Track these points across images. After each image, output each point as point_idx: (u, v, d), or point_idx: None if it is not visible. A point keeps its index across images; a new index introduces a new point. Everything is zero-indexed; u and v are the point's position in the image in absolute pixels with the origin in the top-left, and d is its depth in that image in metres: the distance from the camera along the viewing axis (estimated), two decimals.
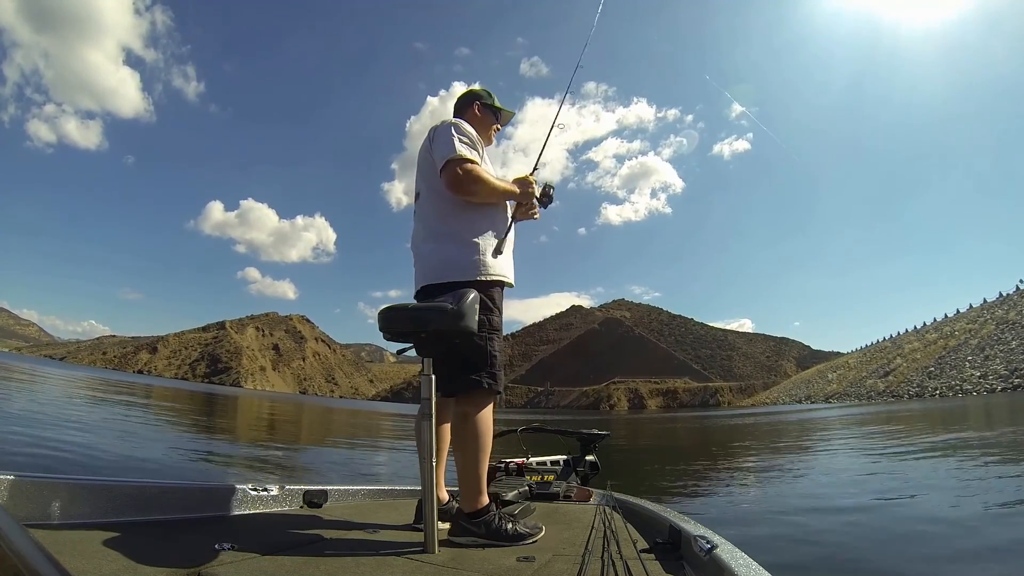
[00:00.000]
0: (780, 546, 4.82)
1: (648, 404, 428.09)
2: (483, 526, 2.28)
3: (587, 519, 2.80)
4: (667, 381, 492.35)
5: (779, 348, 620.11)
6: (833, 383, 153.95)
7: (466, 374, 2.41)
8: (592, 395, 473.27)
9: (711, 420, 41.30)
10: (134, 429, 13.27)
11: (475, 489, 2.35)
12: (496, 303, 2.56)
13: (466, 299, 2.21)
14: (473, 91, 2.97)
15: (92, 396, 23.46)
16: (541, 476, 4.00)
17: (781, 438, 20.06)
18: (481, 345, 2.44)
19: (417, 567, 1.86)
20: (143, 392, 37.40)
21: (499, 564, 1.96)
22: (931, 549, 4.55)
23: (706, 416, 58.16)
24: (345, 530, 2.40)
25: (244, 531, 2.21)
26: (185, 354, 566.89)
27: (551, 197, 2.93)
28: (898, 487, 7.48)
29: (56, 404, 16.60)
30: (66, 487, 2.02)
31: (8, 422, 10.48)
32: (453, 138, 2.55)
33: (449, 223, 2.60)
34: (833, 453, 13.68)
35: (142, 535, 1.94)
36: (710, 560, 1.69)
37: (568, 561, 1.97)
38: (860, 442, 15.95)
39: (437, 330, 2.19)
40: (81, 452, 8.30)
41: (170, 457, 9.50)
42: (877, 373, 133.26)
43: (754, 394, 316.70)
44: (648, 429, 28.10)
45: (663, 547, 2.16)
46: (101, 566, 1.54)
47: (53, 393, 21.29)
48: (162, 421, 17.45)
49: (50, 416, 12.54)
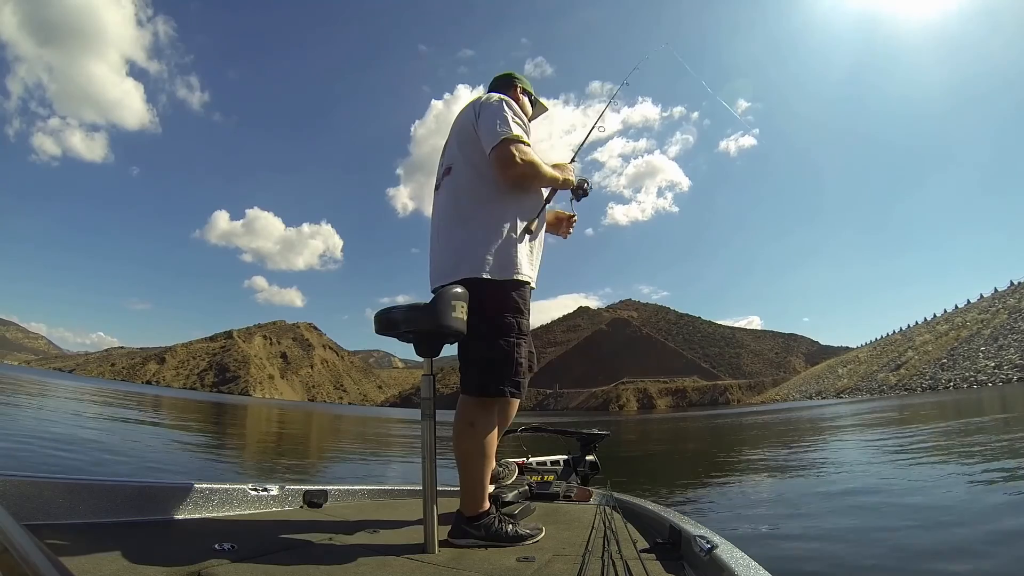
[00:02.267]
0: (798, 547, 4.72)
1: (657, 404, 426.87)
2: (483, 529, 2.25)
3: (587, 519, 2.77)
4: (676, 380, 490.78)
5: (788, 344, 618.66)
6: (844, 378, 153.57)
7: (489, 380, 2.31)
8: (601, 396, 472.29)
9: (721, 419, 40.90)
10: (149, 440, 13.30)
11: (476, 494, 2.30)
12: (527, 304, 2.43)
13: (444, 296, 2.15)
14: (513, 74, 2.84)
15: (102, 407, 23.49)
16: (541, 476, 3.96)
17: (799, 435, 19.53)
18: (508, 351, 2.31)
19: (417, 567, 1.86)
20: (152, 403, 37.57)
21: (499, 564, 1.95)
22: (950, 545, 4.44)
23: (716, 415, 57.74)
24: (345, 530, 2.38)
25: (244, 531, 2.20)
26: (193, 364, 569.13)
27: (586, 191, 2.89)
28: (915, 484, 7.33)
29: (66, 415, 16.64)
30: (66, 487, 2.03)
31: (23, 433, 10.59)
32: (508, 115, 2.41)
33: (484, 205, 2.42)
34: (847, 449, 13.53)
35: (142, 535, 1.95)
36: (710, 560, 1.69)
37: (568, 561, 1.96)
38: (875, 437, 15.71)
39: (421, 330, 2.18)
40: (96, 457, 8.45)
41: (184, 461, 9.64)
42: (888, 367, 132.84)
43: (764, 391, 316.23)
44: (657, 430, 27.64)
45: (663, 547, 2.14)
46: (101, 566, 1.54)
47: (68, 406, 21.32)
48: (180, 430, 17.50)
49: (64, 430, 12.57)
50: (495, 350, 2.30)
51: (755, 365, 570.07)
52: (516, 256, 2.38)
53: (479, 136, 2.43)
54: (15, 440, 9.32)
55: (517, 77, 2.83)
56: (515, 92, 2.75)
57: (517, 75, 2.84)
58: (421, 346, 2.21)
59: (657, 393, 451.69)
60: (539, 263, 2.60)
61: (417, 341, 2.22)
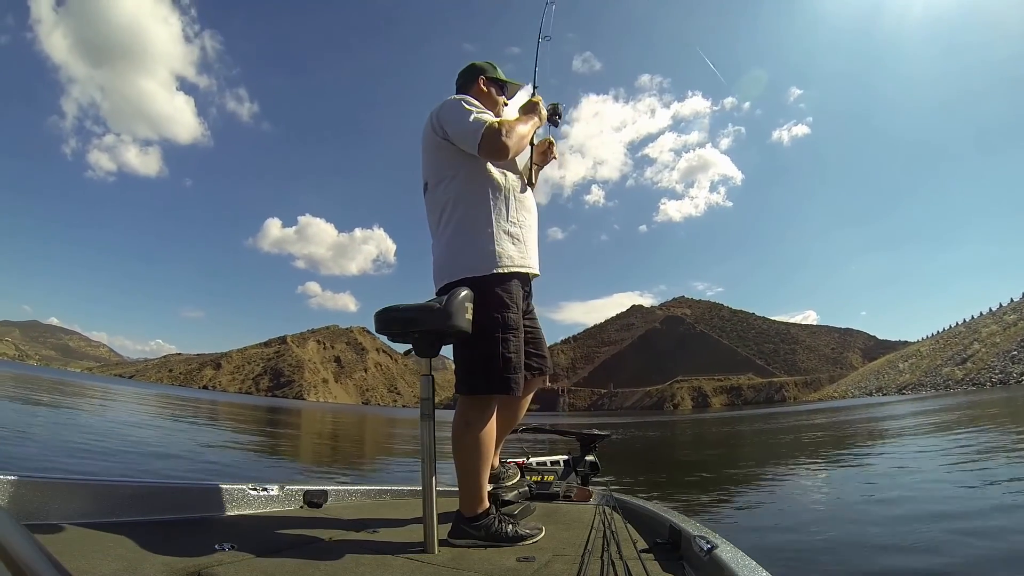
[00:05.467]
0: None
1: (712, 402, 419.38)
2: (482, 529, 2.25)
3: (587, 519, 2.76)
4: (731, 378, 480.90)
5: (844, 339, 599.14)
6: (905, 373, 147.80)
7: (479, 379, 2.32)
8: (655, 395, 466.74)
9: (780, 418, 39.08)
10: (217, 441, 13.74)
11: (475, 494, 2.30)
12: (513, 298, 2.38)
13: (456, 297, 2.15)
14: (476, 65, 2.80)
15: (166, 410, 24.45)
16: (541, 476, 3.94)
17: (871, 436, 17.14)
18: (492, 349, 2.29)
19: (417, 567, 1.85)
20: (209, 407, 38.80)
21: (499, 564, 1.93)
22: None
23: (773, 413, 55.62)
24: (345, 530, 2.38)
25: (244, 531, 2.20)
26: (248, 369, 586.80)
27: (560, 113, 2.82)
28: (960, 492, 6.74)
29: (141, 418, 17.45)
30: (66, 487, 2.03)
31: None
32: (471, 110, 2.41)
33: (460, 211, 2.44)
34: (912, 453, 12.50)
35: (142, 535, 1.93)
36: (710, 560, 1.68)
37: (568, 561, 1.95)
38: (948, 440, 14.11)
39: (427, 330, 2.16)
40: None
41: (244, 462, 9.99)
42: (953, 360, 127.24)
43: (820, 388, 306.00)
44: (713, 433, 26.13)
45: (663, 547, 2.13)
46: (101, 566, 1.54)
47: (138, 409, 22.21)
48: (245, 433, 18.10)
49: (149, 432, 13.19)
50: (480, 348, 2.29)
51: (811, 361, 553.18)
52: (495, 249, 2.38)
53: (455, 142, 2.43)
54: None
55: (480, 67, 2.79)
56: (478, 86, 2.74)
57: (479, 64, 2.80)
58: (423, 346, 2.20)
59: (712, 391, 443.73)
60: (534, 246, 2.59)
61: (420, 341, 2.20)
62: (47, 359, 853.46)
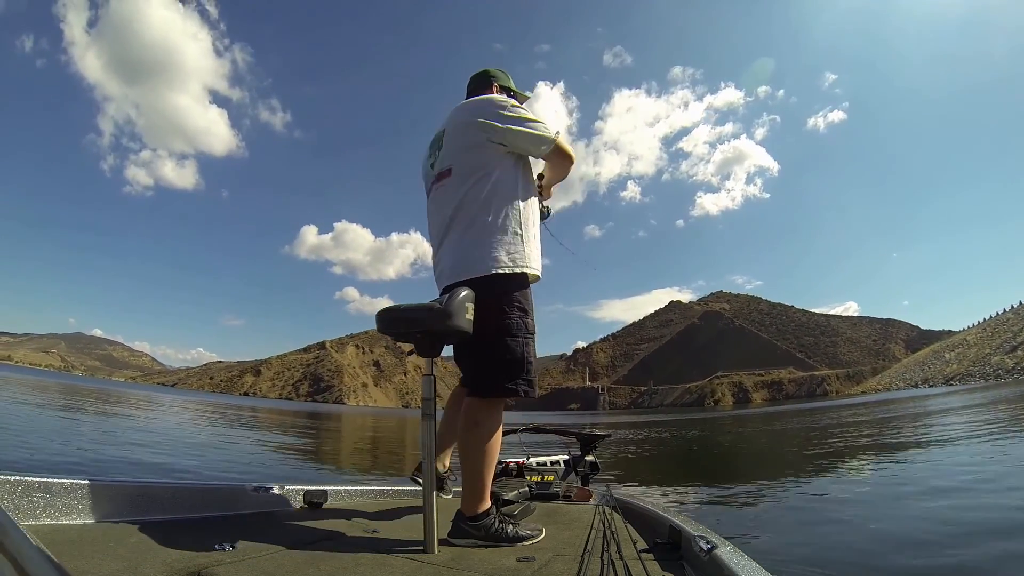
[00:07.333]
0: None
1: (753, 398, 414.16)
2: (483, 529, 2.25)
3: (587, 519, 2.77)
4: (771, 372, 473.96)
5: (886, 331, 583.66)
6: (952, 363, 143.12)
7: (501, 380, 2.31)
8: (695, 391, 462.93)
9: (825, 413, 36.96)
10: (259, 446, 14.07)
11: (478, 493, 2.29)
12: (531, 301, 2.42)
13: (456, 297, 2.15)
14: (489, 72, 2.82)
15: (206, 416, 25.17)
16: (541, 476, 3.97)
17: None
18: (520, 350, 2.32)
19: (417, 567, 1.85)
20: (251, 413, 39.54)
21: (499, 564, 1.93)
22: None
23: (817, 408, 53.52)
24: (345, 530, 2.38)
25: (244, 531, 2.19)
26: (288, 375, 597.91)
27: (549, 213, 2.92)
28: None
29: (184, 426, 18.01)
30: (66, 487, 2.03)
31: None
32: (528, 113, 2.45)
33: (493, 207, 2.40)
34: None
35: (142, 535, 1.93)
36: (710, 560, 1.68)
37: (568, 561, 1.95)
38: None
39: (429, 330, 2.16)
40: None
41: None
42: (1003, 348, 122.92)
43: (863, 381, 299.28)
44: (758, 434, 23.55)
45: (663, 547, 2.12)
46: (101, 566, 1.54)
47: (182, 417, 22.85)
48: (289, 435, 18.48)
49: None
50: (507, 350, 2.30)
51: (852, 354, 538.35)
52: (524, 250, 2.40)
53: (510, 142, 2.43)
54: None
55: (493, 74, 2.81)
56: (492, 91, 2.74)
57: (493, 71, 2.82)
58: (424, 347, 2.20)
59: (752, 386, 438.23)
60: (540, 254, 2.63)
61: (421, 341, 2.20)
62: (92, 369, 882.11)
